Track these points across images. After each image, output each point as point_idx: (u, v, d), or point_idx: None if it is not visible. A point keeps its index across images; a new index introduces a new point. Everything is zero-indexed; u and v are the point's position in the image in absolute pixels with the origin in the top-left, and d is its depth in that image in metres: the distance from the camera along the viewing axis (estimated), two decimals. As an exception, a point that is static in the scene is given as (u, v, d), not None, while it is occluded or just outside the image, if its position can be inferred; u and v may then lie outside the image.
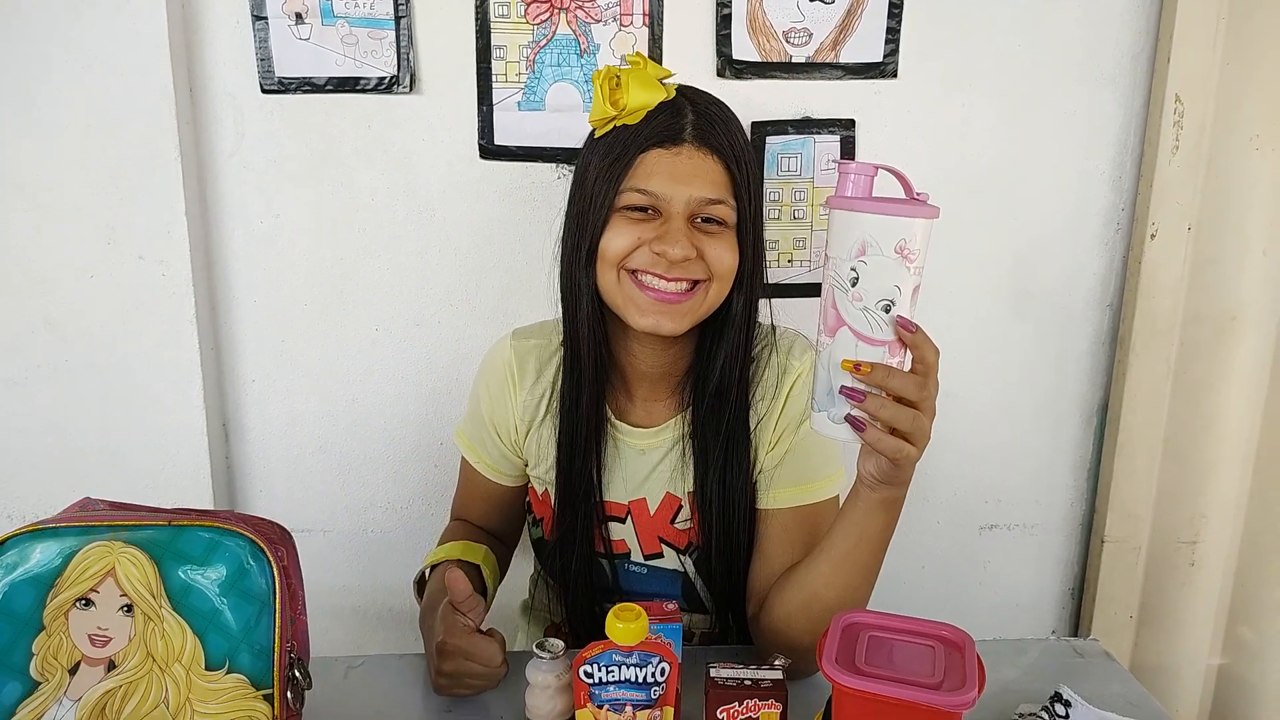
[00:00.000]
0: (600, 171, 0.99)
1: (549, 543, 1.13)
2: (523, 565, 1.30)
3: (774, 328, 1.11)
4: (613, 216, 0.98)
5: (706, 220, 0.98)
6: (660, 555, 1.12)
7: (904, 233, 0.76)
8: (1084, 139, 1.46)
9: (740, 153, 0.99)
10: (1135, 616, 1.57)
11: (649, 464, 1.10)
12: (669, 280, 0.97)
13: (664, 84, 1.00)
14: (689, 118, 0.98)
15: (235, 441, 1.49)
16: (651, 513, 1.11)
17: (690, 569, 1.11)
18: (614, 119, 0.98)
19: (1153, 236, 1.44)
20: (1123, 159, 1.47)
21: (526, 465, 1.16)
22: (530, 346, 1.14)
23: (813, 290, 1.46)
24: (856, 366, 0.79)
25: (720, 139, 0.98)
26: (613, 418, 1.09)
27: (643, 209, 0.98)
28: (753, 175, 1.01)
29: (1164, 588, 1.58)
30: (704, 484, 1.06)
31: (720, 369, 1.04)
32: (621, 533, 1.12)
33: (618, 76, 0.98)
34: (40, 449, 1.44)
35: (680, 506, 1.10)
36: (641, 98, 0.97)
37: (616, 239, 0.98)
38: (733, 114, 1.02)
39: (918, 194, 0.82)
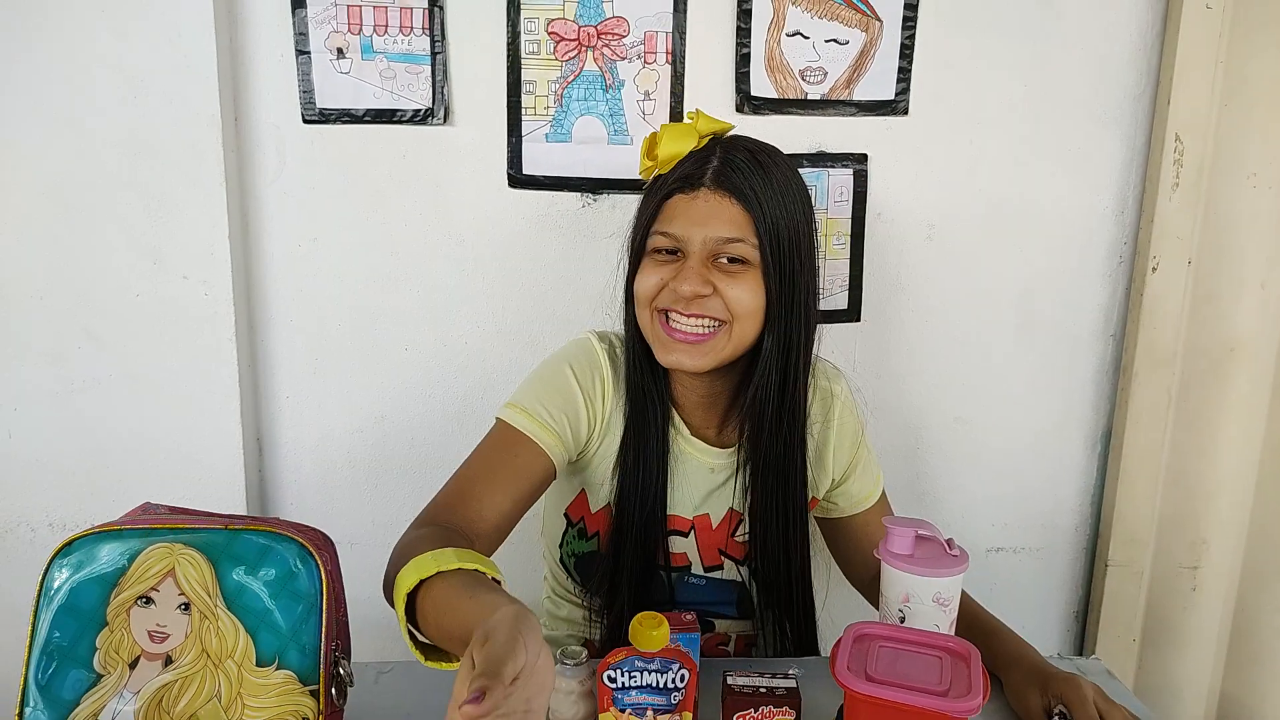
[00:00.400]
0: (637, 218, 1.09)
1: (599, 557, 1.16)
2: (540, 581, 1.33)
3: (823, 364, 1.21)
4: (644, 259, 1.07)
5: (731, 260, 1.03)
6: (720, 567, 1.17)
7: (938, 587, 0.96)
8: (1088, 176, 1.51)
9: (765, 194, 1.01)
10: (1138, 639, 1.61)
11: (716, 481, 1.15)
12: (689, 318, 1.04)
13: (709, 133, 1.08)
14: (712, 164, 1.03)
15: (268, 455, 1.54)
16: (714, 527, 1.16)
17: (748, 578, 1.17)
18: (653, 169, 1.08)
19: (1154, 270, 1.49)
20: (1125, 195, 1.52)
21: (578, 465, 1.16)
22: (614, 356, 1.15)
23: (826, 316, 1.51)
24: None
25: (740, 182, 1.02)
26: (688, 434, 1.15)
27: (669, 251, 1.05)
28: (782, 216, 1.02)
29: (1166, 611, 1.62)
30: (756, 507, 1.13)
31: (752, 401, 1.09)
32: (683, 546, 1.17)
33: (655, 134, 1.08)
34: (81, 460, 1.49)
35: (741, 520, 1.16)
36: (671, 149, 1.05)
37: (645, 280, 1.06)
38: (772, 160, 1.05)
39: (949, 543, 0.99)
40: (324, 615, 0.83)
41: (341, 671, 0.84)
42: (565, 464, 1.11)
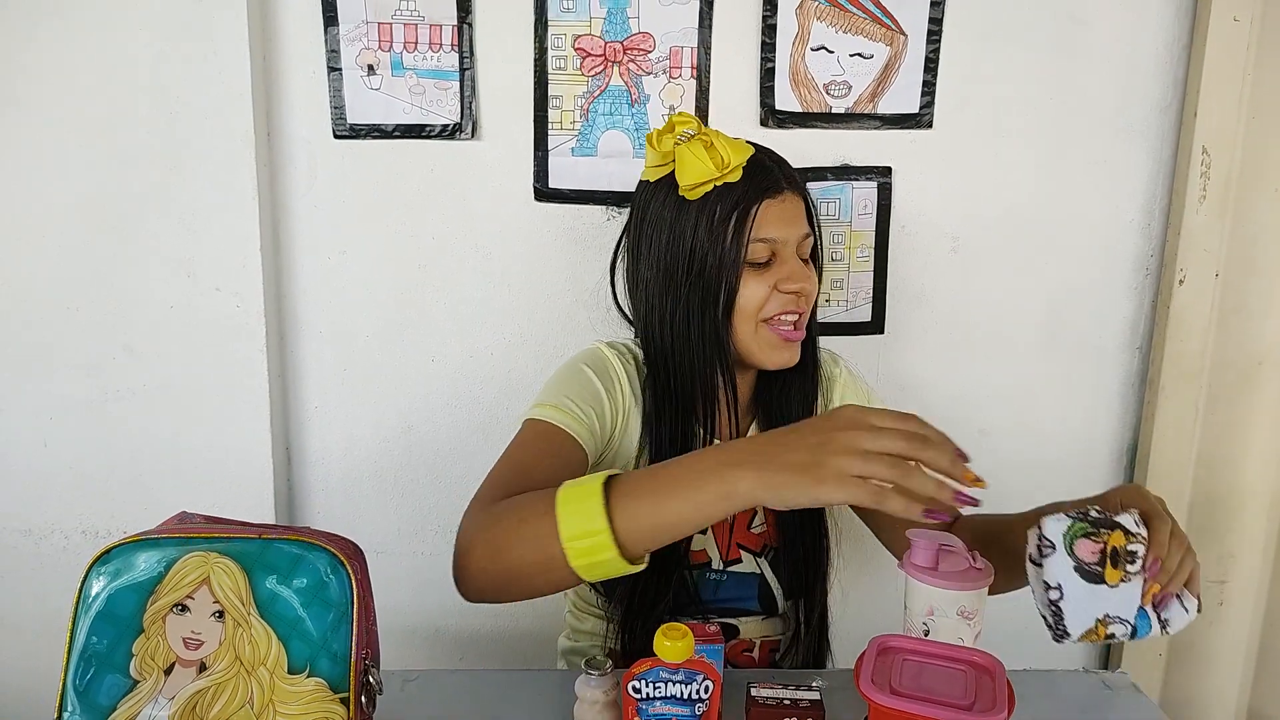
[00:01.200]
0: (717, 232, 1.04)
1: None
2: (556, 608, 1.34)
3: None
4: (745, 271, 1.06)
5: (804, 252, 1.11)
6: (739, 560, 1.18)
7: (962, 600, 0.95)
8: (1114, 188, 1.51)
9: (807, 189, 1.13)
10: (1164, 654, 1.59)
11: None
12: (792, 314, 1.09)
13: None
14: (775, 166, 1.09)
15: (296, 464, 1.56)
16: (730, 520, 1.17)
17: (766, 570, 1.17)
18: (716, 179, 1.05)
19: (1181, 282, 1.48)
20: (1152, 207, 1.52)
21: (597, 467, 1.15)
22: (628, 365, 1.16)
23: (848, 329, 1.52)
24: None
25: (797, 180, 1.11)
26: (704, 437, 1.15)
27: (764, 262, 1.07)
28: None
29: (1194, 626, 1.59)
30: None
31: (784, 380, 1.16)
32: (702, 543, 1.17)
33: (709, 140, 1.04)
34: (114, 469, 1.52)
35: (755, 511, 1.17)
36: (739, 156, 1.05)
37: (754, 293, 1.07)
38: None
39: (973, 555, 0.99)
40: (355, 624, 0.84)
41: (371, 679, 0.85)
42: (594, 459, 1.09)
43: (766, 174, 1.07)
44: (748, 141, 1.10)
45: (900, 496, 0.73)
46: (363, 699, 0.84)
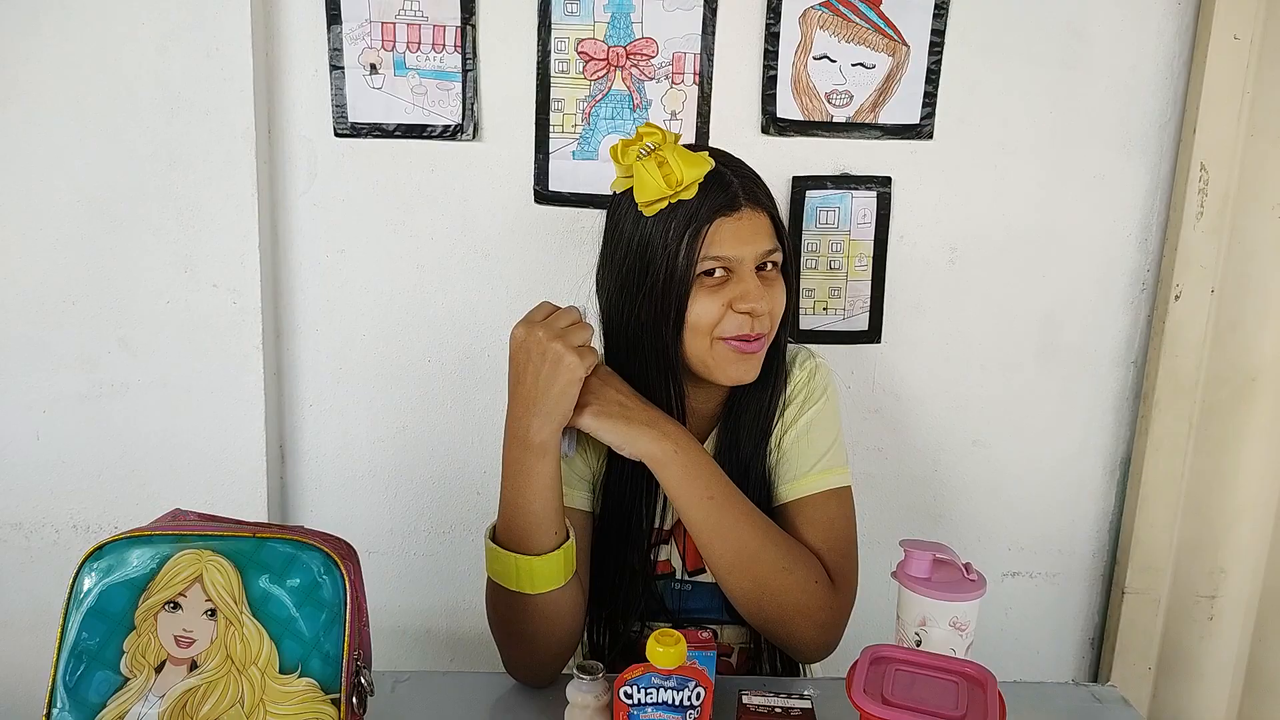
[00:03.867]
0: (670, 249, 1.04)
1: (591, 567, 1.17)
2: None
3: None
4: (694, 288, 1.05)
5: (765, 268, 1.08)
6: (703, 570, 1.17)
7: (955, 612, 0.96)
8: (1112, 202, 1.51)
9: (774, 201, 1.11)
10: (1154, 668, 1.60)
11: None
12: (751, 335, 1.07)
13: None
14: (735, 182, 1.06)
15: (290, 462, 1.56)
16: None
17: None
18: (669, 197, 1.03)
19: (1177, 298, 1.49)
20: (1149, 222, 1.52)
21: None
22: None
23: (846, 337, 1.53)
24: None
25: (761, 195, 1.08)
26: None
27: (715, 274, 1.06)
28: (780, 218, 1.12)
29: (1183, 640, 1.61)
30: None
31: (748, 393, 1.14)
32: (666, 553, 1.18)
33: (663, 158, 1.02)
34: (108, 463, 1.51)
35: None
36: (693, 174, 1.03)
37: (706, 310, 1.05)
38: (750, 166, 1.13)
39: (966, 566, 1.00)
40: (347, 624, 0.84)
41: (363, 680, 0.85)
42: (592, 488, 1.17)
43: (723, 190, 1.04)
44: (712, 153, 1.07)
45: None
46: (354, 700, 0.84)
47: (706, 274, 1.05)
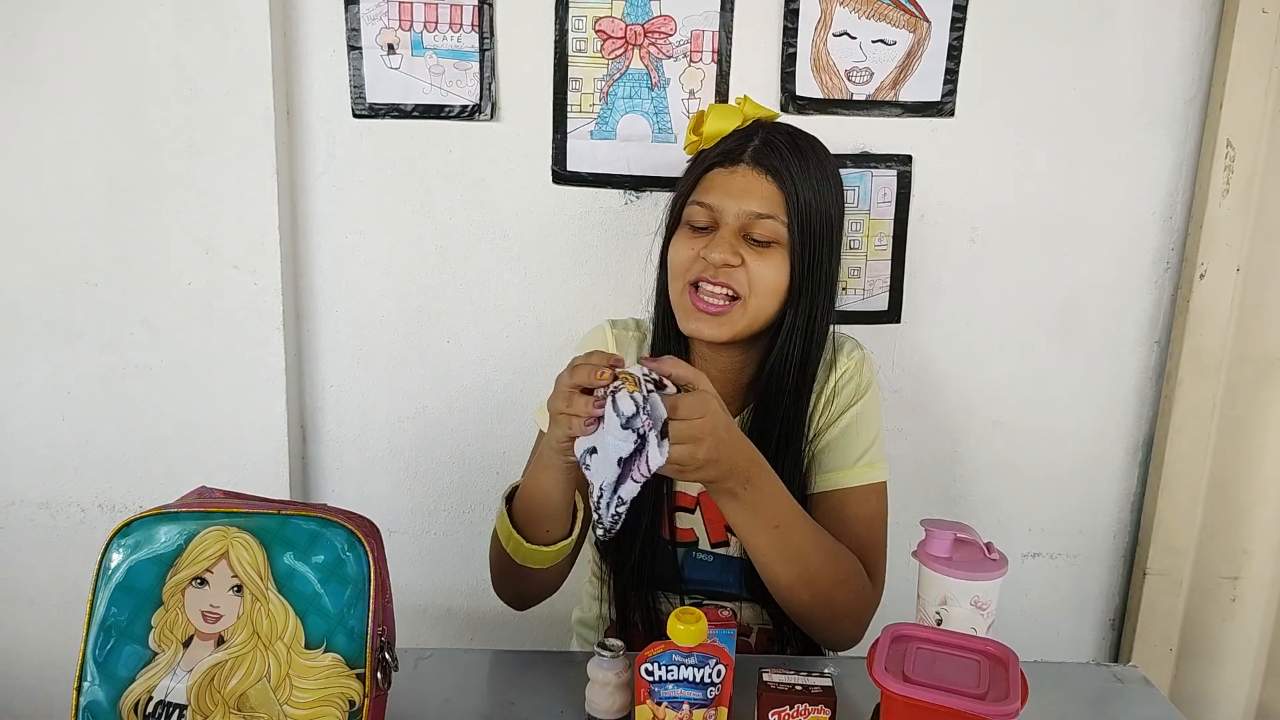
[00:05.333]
0: (678, 190, 1.12)
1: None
2: (575, 575, 1.34)
3: (834, 334, 1.20)
4: (678, 230, 1.10)
5: (760, 240, 1.07)
6: (726, 544, 1.18)
7: (976, 591, 0.96)
8: (1136, 180, 1.50)
9: (800, 177, 1.07)
10: (1175, 649, 1.59)
11: None
12: (714, 286, 1.07)
13: (755, 116, 1.13)
14: (753, 143, 1.08)
15: (311, 443, 1.57)
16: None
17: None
18: (698, 144, 1.11)
19: (1202, 277, 1.47)
20: (1174, 200, 1.50)
21: None
22: (628, 337, 1.23)
23: (865, 317, 1.52)
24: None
25: (777, 162, 1.07)
26: None
27: (703, 226, 1.08)
28: (814, 200, 1.08)
29: (1205, 622, 1.60)
30: None
31: (769, 374, 1.13)
32: (690, 521, 1.18)
33: (703, 112, 1.11)
34: (132, 443, 1.53)
35: None
36: (716, 125, 1.10)
37: (680, 251, 1.10)
38: (811, 146, 1.12)
39: (988, 546, 0.99)
40: (371, 600, 0.85)
41: (387, 656, 0.86)
42: None
43: (736, 144, 1.09)
44: (780, 123, 1.14)
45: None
46: (378, 675, 0.85)
47: (694, 224, 1.09)
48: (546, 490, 1.01)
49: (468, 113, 1.44)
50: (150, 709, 0.82)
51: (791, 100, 1.44)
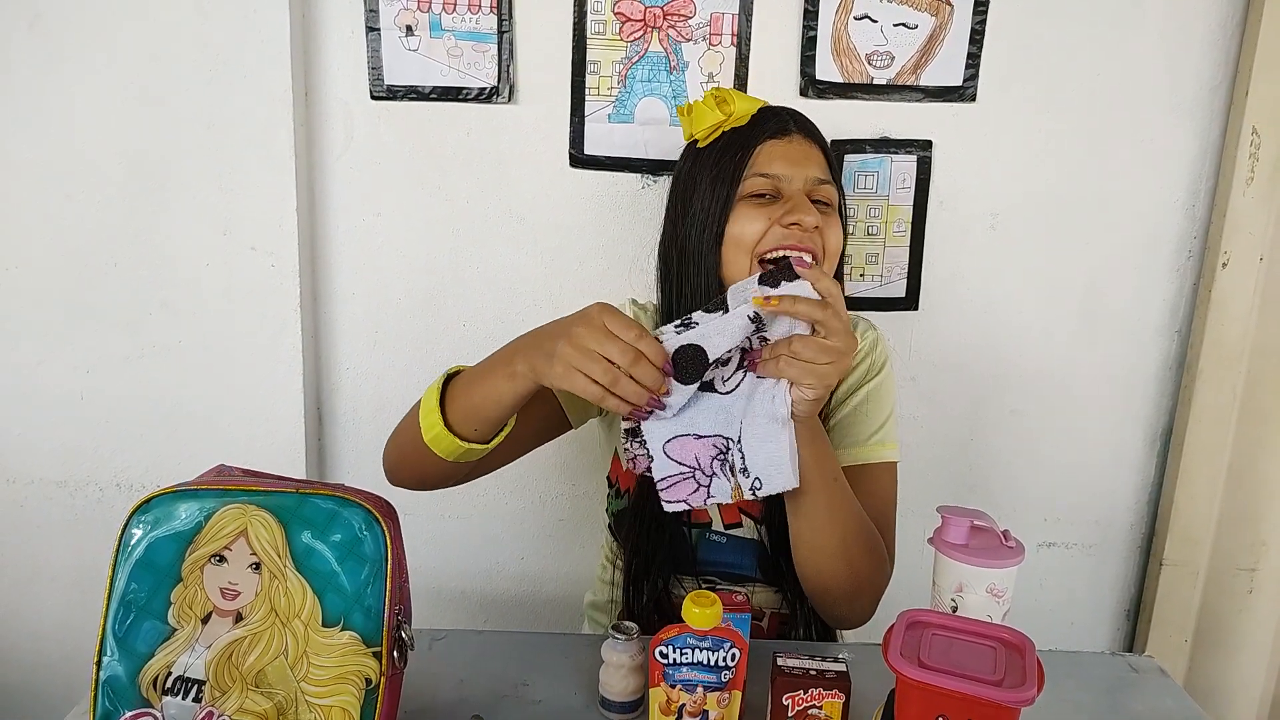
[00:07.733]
0: (720, 168, 1.08)
1: (629, 512, 1.18)
2: (588, 560, 1.35)
3: None
4: (737, 205, 1.07)
5: (817, 202, 1.08)
6: (739, 525, 1.18)
7: (993, 578, 0.95)
8: (1159, 167, 1.48)
9: (830, 153, 1.13)
10: (1191, 640, 1.59)
11: None
12: (799, 250, 1.04)
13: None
14: (789, 115, 1.11)
15: (328, 424, 1.58)
16: None
17: (767, 538, 1.17)
18: (721, 124, 1.09)
19: (1224, 265, 1.46)
20: (1197, 188, 1.49)
21: (610, 425, 1.22)
22: (647, 319, 1.23)
23: (883, 304, 1.51)
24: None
25: (816, 132, 1.12)
26: None
27: (763, 195, 1.07)
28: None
29: (1221, 613, 1.59)
30: None
31: None
32: None
33: (722, 96, 1.10)
34: (151, 423, 1.54)
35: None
36: (746, 104, 1.10)
37: (749, 225, 1.06)
38: None
39: (1005, 534, 0.98)
40: (388, 579, 0.85)
41: (404, 635, 0.86)
42: (584, 418, 1.18)
43: (774, 116, 1.10)
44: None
45: (614, 398, 0.86)
46: (395, 654, 0.85)
47: (756, 196, 1.07)
48: (498, 396, 0.96)
49: (485, 95, 1.44)
50: (169, 684, 0.83)
51: (811, 84, 1.43)
